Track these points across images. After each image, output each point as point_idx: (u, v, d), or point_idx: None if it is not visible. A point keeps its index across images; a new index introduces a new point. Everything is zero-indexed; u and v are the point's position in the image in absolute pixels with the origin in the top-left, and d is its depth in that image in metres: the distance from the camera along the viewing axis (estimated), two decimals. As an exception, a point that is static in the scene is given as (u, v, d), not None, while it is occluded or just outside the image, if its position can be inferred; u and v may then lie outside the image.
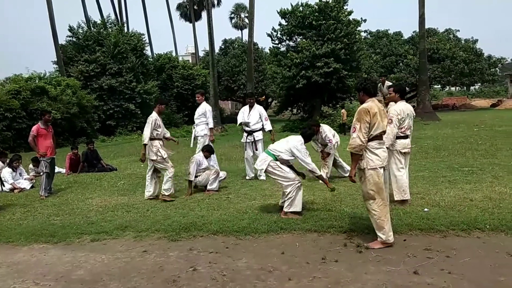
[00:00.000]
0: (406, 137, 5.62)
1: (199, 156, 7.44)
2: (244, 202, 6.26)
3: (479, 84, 47.68)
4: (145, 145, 6.87)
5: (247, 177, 8.35)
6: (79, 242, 4.91)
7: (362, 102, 4.32)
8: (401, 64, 39.59)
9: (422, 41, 23.83)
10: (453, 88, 57.60)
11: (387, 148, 5.10)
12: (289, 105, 25.93)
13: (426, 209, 5.24)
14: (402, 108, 5.52)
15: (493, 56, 38.53)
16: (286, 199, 5.41)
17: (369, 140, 4.13)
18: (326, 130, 7.67)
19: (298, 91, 22.28)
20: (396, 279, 3.44)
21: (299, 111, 25.68)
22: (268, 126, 8.35)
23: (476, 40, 39.01)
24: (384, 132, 4.22)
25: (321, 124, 7.81)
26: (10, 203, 7.39)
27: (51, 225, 5.67)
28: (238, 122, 8.55)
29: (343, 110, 18.93)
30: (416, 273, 3.51)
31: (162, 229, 5.09)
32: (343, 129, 17.67)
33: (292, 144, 5.52)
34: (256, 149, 8.21)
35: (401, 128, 5.52)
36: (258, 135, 8.28)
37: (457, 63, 35.95)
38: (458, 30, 41.56)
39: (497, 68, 39.58)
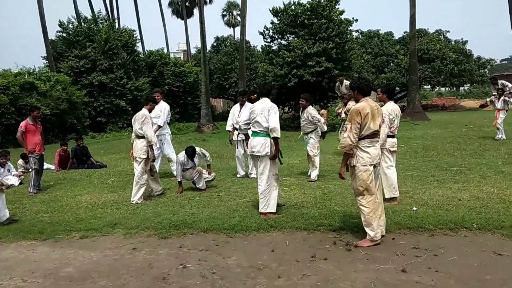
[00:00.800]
0: (393, 136, 5.76)
1: (182, 156, 7.14)
2: (234, 200, 6.27)
3: (469, 85, 48.19)
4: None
5: (238, 175, 8.35)
6: (68, 239, 4.88)
7: (357, 101, 4.40)
8: (391, 64, 39.83)
9: (412, 41, 24.00)
10: (442, 89, 58.08)
11: None
12: (281, 104, 25.92)
13: (414, 208, 5.31)
14: (392, 108, 5.65)
15: (482, 57, 38.95)
16: (260, 198, 5.36)
17: (361, 139, 4.21)
18: (313, 112, 7.71)
19: (289, 89, 22.28)
20: (384, 277, 3.48)
21: (290, 109, 25.71)
22: None
23: (466, 41, 39.39)
24: (377, 131, 4.27)
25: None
26: (-2, 200, 7.29)
27: (40, 221, 5.63)
28: (228, 125, 8.48)
29: (322, 111, 19.06)
30: (404, 271, 3.55)
31: (152, 227, 5.08)
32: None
33: (267, 108, 5.36)
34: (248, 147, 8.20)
35: (391, 127, 5.65)
36: (250, 133, 8.27)
37: (447, 64, 36.27)
38: (449, 31, 41.78)
39: (486, 69, 40.01)
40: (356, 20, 23.62)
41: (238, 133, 8.28)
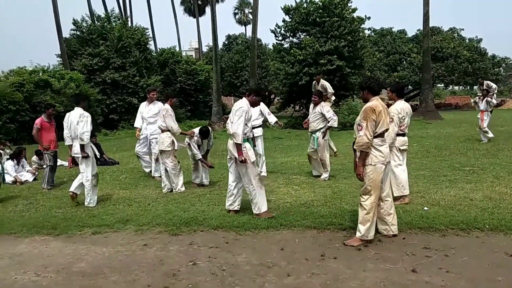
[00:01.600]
0: (404, 134, 5.74)
1: (196, 136, 7.29)
2: (244, 198, 6.28)
3: (483, 83, 47.46)
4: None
5: None
6: (80, 234, 4.95)
7: (365, 101, 4.41)
8: (404, 62, 39.43)
9: (426, 39, 23.74)
10: (456, 87, 57.37)
11: None
12: (292, 102, 25.90)
13: (426, 208, 5.27)
14: (402, 107, 5.62)
15: (497, 55, 38.34)
16: (250, 200, 5.30)
17: (374, 137, 4.21)
18: (328, 107, 7.74)
19: (301, 88, 22.21)
20: (394, 277, 3.46)
21: (301, 108, 25.63)
22: (272, 119, 8.37)
23: (481, 39, 38.78)
24: (387, 130, 4.28)
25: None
26: (13, 195, 7.44)
27: (53, 217, 5.72)
28: None
29: None
30: (414, 272, 3.53)
31: (163, 223, 5.13)
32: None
33: (234, 110, 5.27)
34: (255, 146, 8.21)
35: (401, 126, 5.62)
36: (258, 132, 8.26)
37: (460, 62, 35.79)
38: (463, 29, 41.37)
39: (501, 68, 39.42)
40: (369, 18, 23.45)
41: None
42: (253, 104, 5.44)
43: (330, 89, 10.84)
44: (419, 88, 31.13)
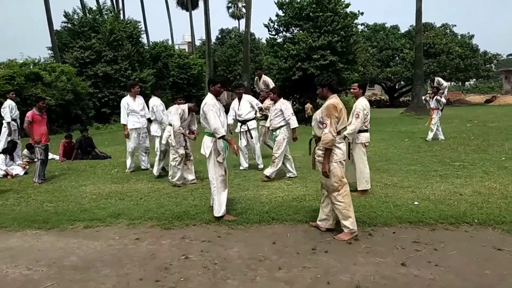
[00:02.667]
0: (367, 130, 6.02)
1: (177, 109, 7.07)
2: (237, 193, 6.31)
3: (474, 79, 47.89)
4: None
5: (240, 167, 8.40)
6: (72, 228, 4.94)
7: (324, 98, 4.47)
8: (397, 58, 39.61)
9: (418, 35, 23.83)
10: (448, 83, 57.79)
11: (350, 141, 5.78)
12: (285, 97, 25.82)
13: (416, 203, 5.33)
14: (366, 103, 5.89)
15: (488, 52, 38.63)
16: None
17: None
18: (288, 105, 7.59)
19: (294, 82, 22.20)
20: (384, 270, 3.51)
21: (294, 103, 25.63)
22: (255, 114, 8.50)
23: (472, 36, 39.04)
24: (345, 127, 4.42)
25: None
26: (3, 189, 7.38)
27: (44, 211, 5.70)
28: (229, 119, 8.17)
29: (307, 105, 19.16)
30: (404, 265, 3.58)
31: (155, 217, 5.13)
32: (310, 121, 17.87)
33: (202, 106, 5.15)
34: (252, 137, 8.25)
35: (365, 122, 5.87)
36: (252, 124, 8.32)
37: (452, 58, 36.03)
38: (455, 25, 41.42)
39: (492, 64, 39.68)
40: (362, 14, 23.44)
41: (241, 125, 8.32)
42: (217, 93, 5.25)
43: (272, 85, 10.34)
44: (411, 83, 31.26)
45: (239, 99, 8.37)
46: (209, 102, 5.08)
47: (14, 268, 3.83)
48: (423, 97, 13.01)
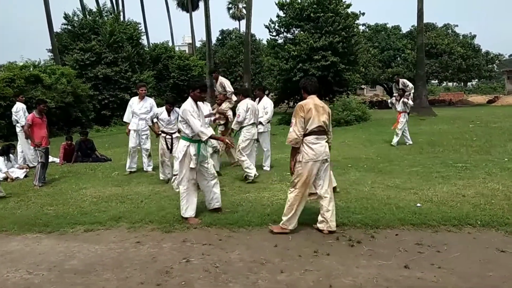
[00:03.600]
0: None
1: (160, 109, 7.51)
2: (238, 195, 6.28)
3: (476, 80, 47.81)
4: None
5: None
6: (72, 232, 4.92)
7: (304, 99, 4.64)
8: (398, 58, 39.57)
9: (420, 35, 23.77)
10: (450, 84, 57.72)
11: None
12: (286, 98, 25.88)
13: (418, 204, 5.29)
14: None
15: (490, 52, 38.58)
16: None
17: (307, 134, 4.39)
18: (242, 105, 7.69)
19: (295, 84, 22.11)
20: (387, 273, 3.48)
21: (295, 104, 25.67)
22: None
23: (474, 36, 38.99)
24: (322, 127, 4.43)
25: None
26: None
27: (45, 214, 5.67)
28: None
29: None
30: (407, 268, 3.55)
31: (155, 221, 5.11)
32: None
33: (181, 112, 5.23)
34: (258, 141, 8.25)
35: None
36: (262, 128, 8.32)
37: (454, 59, 35.96)
38: (457, 25, 41.39)
39: (494, 65, 39.62)
40: (363, 14, 23.48)
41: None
42: (197, 99, 5.29)
43: (229, 88, 10.19)
44: (413, 84, 31.28)
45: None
46: (187, 108, 5.12)
47: (14, 272, 3.81)
48: (389, 100, 12.11)
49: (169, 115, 7.67)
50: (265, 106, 8.43)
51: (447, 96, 47.36)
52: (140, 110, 8.67)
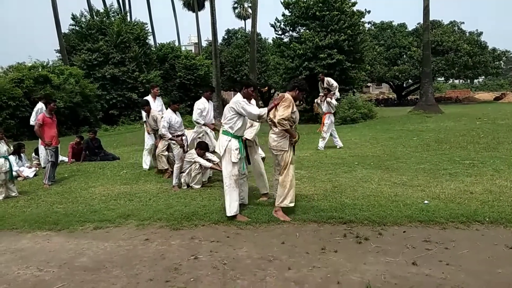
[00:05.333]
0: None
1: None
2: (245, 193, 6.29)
3: (483, 77, 47.45)
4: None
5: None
6: (82, 230, 4.97)
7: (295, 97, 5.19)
8: (404, 56, 39.40)
9: (426, 33, 23.64)
10: (456, 81, 57.31)
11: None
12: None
13: (426, 201, 5.28)
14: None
15: (497, 49, 38.29)
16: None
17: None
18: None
19: (301, 82, 22.23)
20: (395, 270, 3.48)
21: (301, 102, 25.61)
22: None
23: (481, 33, 38.69)
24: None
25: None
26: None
27: (55, 213, 5.73)
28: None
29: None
30: (415, 264, 3.55)
31: (164, 218, 5.15)
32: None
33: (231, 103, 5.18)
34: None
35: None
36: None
37: (461, 56, 35.73)
38: (463, 22, 41.39)
39: (501, 61, 39.35)
40: (369, 12, 23.40)
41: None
42: (249, 96, 5.24)
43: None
44: (419, 82, 31.02)
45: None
46: (240, 100, 5.09)
47: (25, 269, 3.86)
48: (315, 100, 11.24)
49: (177, 116, 7.47)
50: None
51: (454, 94, 47.12)
52: (157, 108, 8.93)
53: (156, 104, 9.02)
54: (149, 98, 9.01)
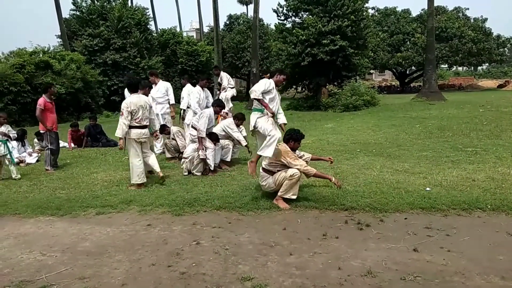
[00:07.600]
0: (138, 127, 6.23)
1: (210, 111, 7.16)
2: (247, 179, 6.31)
3: (487, 64, 47.03)
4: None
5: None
6: (84, 215, 5.00)
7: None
8: (408, 42, 38.95)
9: (430, 19, 23.33)
10: (460, 68, 56.85)
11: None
12: (294, 83, 25.67)
13: (428, 189, 5.27)
14: (131, 101, 6.21)
15: (502, 35, 37.85)
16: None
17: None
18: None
19: (303, 68, 22.03)
20: (396, 256, 3.49)
21: (303, 89, 25.47)
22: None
23: (486, 19, 38.19)
24: None
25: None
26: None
27: (57, 198, 5.76)
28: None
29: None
30: (416, 251, 3.56)
31: (166, 204, 5.17)
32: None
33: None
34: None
35: (136, 119, 6.19)
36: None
37: (465, 43, 35.32)
38: (468, 9, 40.70)
39: (505, 48, 38.91)
40: (373, -3, 23.03)
41: None
42: (279, 83, 5.83)
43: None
44: (422, 68, 30.79)
45: None
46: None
47: (28, 253, 3.90)
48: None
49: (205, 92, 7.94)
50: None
51: (457, 81, 46.80)
52: (156, 94, 8.87)
53: (157, 89, 8.91)
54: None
